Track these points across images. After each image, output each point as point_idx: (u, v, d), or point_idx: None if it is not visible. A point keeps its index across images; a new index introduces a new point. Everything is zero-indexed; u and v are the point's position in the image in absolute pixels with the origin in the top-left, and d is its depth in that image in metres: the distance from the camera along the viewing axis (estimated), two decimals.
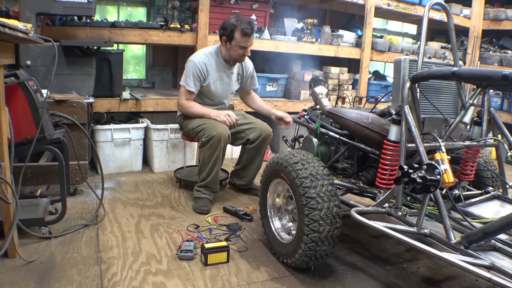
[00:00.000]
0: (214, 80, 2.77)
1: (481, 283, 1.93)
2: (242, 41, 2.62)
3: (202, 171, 2.68)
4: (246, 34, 2.60)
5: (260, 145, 2.82)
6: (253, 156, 2.88)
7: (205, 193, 2.69)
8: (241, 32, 2.59)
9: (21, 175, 1.93)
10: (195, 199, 2.69)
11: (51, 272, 1.81)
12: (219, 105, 2.91)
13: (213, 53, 2.77)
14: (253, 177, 3.01)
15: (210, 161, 2.61)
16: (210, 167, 2.63)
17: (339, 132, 2.24)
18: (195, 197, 2.69)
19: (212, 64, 2.74)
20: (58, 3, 2.75)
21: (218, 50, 2.77)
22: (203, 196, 2.68)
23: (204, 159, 2.64)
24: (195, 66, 2.68)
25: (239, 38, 2.61)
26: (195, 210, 2.62)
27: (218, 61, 2.76)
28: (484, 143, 1.93)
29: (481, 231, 1.45)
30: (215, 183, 2.70)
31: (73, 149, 2.38)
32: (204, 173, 2.66)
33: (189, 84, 2.69)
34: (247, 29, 2.59)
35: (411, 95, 1.77)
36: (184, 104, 2.74)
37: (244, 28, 2.58)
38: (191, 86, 2.69)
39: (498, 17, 5.07)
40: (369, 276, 1.96)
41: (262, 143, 2.82)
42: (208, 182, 2.66)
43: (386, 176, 1.81)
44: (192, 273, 1.90)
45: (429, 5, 1.89)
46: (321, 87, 2.49)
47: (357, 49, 4.55)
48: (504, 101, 5.01)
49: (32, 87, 1.97)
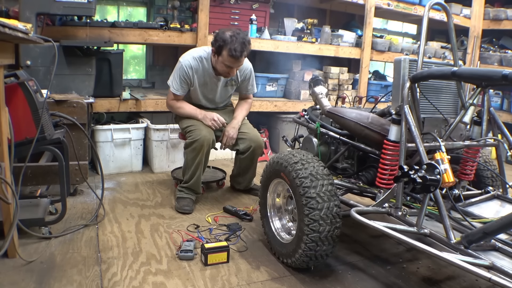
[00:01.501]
0: (199, 85, 2.70)
1: (481, 283, 1.93)
2: (228, 61, 2.49)
3: (185, 172, 2.68)
4: (232, 56, 2.44)
5: (251, 156, 2.79)
6: (246, 165, 2.87)
7: (187, 193, 2.68)
8: (228, 52, 2.43)
9: (21, 175, 1.93)
10: (177, 199, 2.68)
11: (51, 272, 1.81)
12: (210, 107, 2.86)
13: (203, 57, 2.64)
14: (250, 182, 3.01)
15: (193, 164, 2.59)
16: (193, 170, 2.62)
17: (339, 132, 2.23)
18: (178, 197, 2.69)
19: (199, 69, 2.65)
20: (58, 3, 2.75)
21: (209, 55, 2.64)
22: (185, 196, 2.67)
23: (188, 161, 2.64)
24: (181, 69, 2.62)
25: (226, 56, 2.47)
26: (177, 210, 2.61)
27: (207, 67, 2.65)
28: (484, 143, 1.93)
29: (481, 231, 1.45)
30: (197, 186, 2.69)
31: (73, 149, 2.38)
32: (187, 175, 2.65)
33: (175, 87, 2.65)
34: (235, 51, 2.41)
35: (411, 95, 1.77)
36: (173, 104, 2.73)
37: (233, 49, 2.41)
38: (177, 89, 2.66)
39: (498, 17, 5.07)
40: (369, 276, 1.96)
41: (253, 155, 2.78)
42: (190, 184, 2.66)
43: (386, 176, 1.81)
44: (192, 273, 1.90)
45: (429, 5, 1.89)
46: (321, 87, 2.49)
47: (357, 49, 4.55)
48: (504, 101, 5.01)
49: (32, 87, 1.97)
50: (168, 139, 3.45)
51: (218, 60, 2.53)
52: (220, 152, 3.80)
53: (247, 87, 2.90)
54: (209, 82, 2.72)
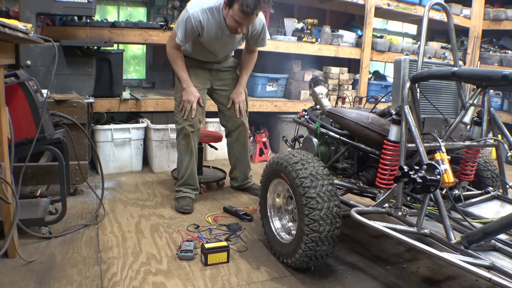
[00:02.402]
0: (210, 38, 2.47)
1: (481, 283, 1.93)
2: (238, 17, 2.28)
3: (180, 166, 2.69)
4: (243, 12, 2.23)
5: (242, 139, 2.88)
6: (240, 152, 2.92)
7: (186, 191, 2.65)
8: (240, 6, 2.22)
9: (21, 175, 1.93)
10: (177, 199, 2.65)
11: (51, 272, 1.81)
12: (210, 60, 2.70)
13: (214, 10, 2.39)
14: (246, 176, 3.02)
15: (187, 152, 2.63)
16: (187, 161, 2.64)
17: (339, 132, 2.23)
18: (177, 197, 2.66)
19: (210, 22, 2.41)
20: (58, 3, 2.75)
21: (220, 7, 2.39)
22: (184, 196, 2.64)
23: (181, 151, 2.67)
24: (189, 22, 2.37)
25: (236, 11, 2.26)
26: (177, 209, 2.58)
27: (218, 19, 2.41)
28: (484, 143, 1.93)
29: (481, 231, 1.45)
30: (193, 179, 2.69)
31: (73, 149, 2.38)
32: (182, 168, 2.66)
33: (179, 38, 2.45)
34: (247, 6, 2.20)
35: (411, 95, 1.77)
36: (173, 54, 2.55)
37: (245, 4, 2.20)
38: (181, 39, 2.45)
39: (498, 17, 5.07)
40: (369, 276, 1.96)
41: (243, 137, 2.88)
42: (186, 177, 2.65)
43: (386, 176, 1.81)
44: (192, 273, 1.90)
45: (429, 5, 1.89)
46: (321, 87, 2.49)
47: (357, 49, 4.55)
48: (504, 101, 5.01)
49: (32, 87, 1.97)
50: (168, 139, 3.45)
51: (228, 13, 2.32)
52: (220, 152, 3.80)
53: (257, 41, 2.66)
54: (221, 36, 2.49)
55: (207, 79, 2.74)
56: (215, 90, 2.80)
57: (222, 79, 2.79)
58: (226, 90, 2.80)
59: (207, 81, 2.74)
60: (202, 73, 2.70)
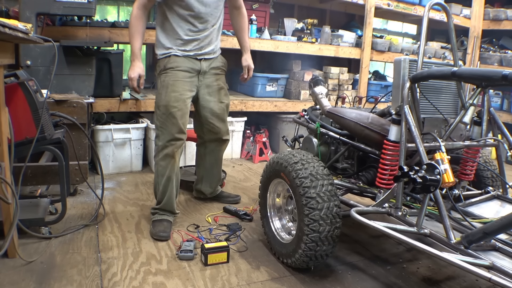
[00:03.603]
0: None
1: (481, 283, 1.93)
2: None
3: (156, 189, 2.37)
4: None
5: (217, 150, 2.61)
6: (211, 164, 2.65)
7: (162, 214, 2.32)
8: None
9: (21, 175, 1.93)
10: (152, 223, 2.30)
11: (51, 272, 1.81)
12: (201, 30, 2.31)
13: None
14: (213, 189, 2.75)
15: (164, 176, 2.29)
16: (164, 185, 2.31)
17: (339, 132, 2.24)
18: (153, 220, 2.32)
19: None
20: (58, 3, 2.75)
21: None
22: (161, 218, 2.30)
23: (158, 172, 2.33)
24: None
25: None
26: (152, 236, 2.23)
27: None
28: (484, 143, 1.94)
29: (481, 231, 1.45)
30: (171, 205, 2.34)
31: (73, 149, 2.38)
32: (159, 193, 2.34)
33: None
34: None
35: (411, 95, 1.77)
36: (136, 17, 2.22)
37: None
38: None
39: (498, 17, 5.08)
40: (369, 276, 1.96)
41: (219, 148, 2.60)
42: (163, 205, 2.33)
43: (386, 176, 1.81)
44: (192, 273, 1.90)
45: (429, 5, 1.89)
46: (321, 87, 2.49)
47: (357, 49, 4.55)
48: (504, 101, 5.01)
49: (32, 87, 1.97)
50: None
51: None
52: None
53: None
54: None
55: (194, 85, 2.37)
56: (200, 98, 2.45)
57: (208, 85, 2.45)
58: (211, 101, 2.46)
59: (194, 87, 2.38)
60: (189, 78, 2.34)
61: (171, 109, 2.24)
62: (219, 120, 2.52)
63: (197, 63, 2.35)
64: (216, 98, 2.48)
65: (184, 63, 2.30)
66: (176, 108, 2.25)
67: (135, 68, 2.21)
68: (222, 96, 2.50)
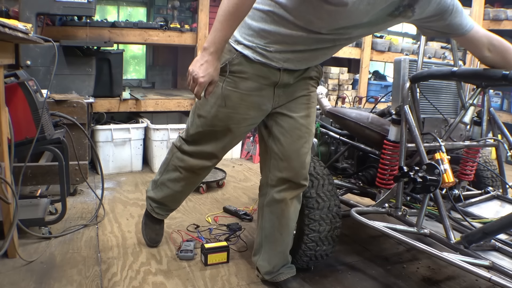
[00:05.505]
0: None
1: (481, 283, 1.93)
2: None
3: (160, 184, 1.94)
4: None
5: (286, 211, 1.65)
6: (272, 227, 1.71)
7: (158, 212, 2.00)
8: None
9: (21, 175, 1.93)
10: (144, 224, 2.10)
11: (51, 272, 1.81)
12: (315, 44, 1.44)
13: None
14: (275, 268, 1.76)
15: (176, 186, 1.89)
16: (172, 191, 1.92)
17: (339, 132, 2.24)
18: (145, 221, 2.09)
19: None
20: (58, 3, 2.75)
21: None
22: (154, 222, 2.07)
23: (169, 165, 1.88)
24: None
25: None
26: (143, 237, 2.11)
27: None
28: (484, 143, 1.94)
29: (481, 231, 1.45)
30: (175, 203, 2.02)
31: (73, 149, 2.38)
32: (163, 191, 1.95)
33: None
34: None
35: (411, 95, 1.77)
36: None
37: None
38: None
39: (498, 17, 5.07)
40: (369, 276, 1.96)
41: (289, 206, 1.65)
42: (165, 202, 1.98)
43: (386, 176, 1.81)
44: (192, 273, 1.90)
45: None
46: (321, 87, 2.49)
47: (357, 49, 4.55)
48: (504, 101, 5.01)
49: (32, 87, 1.97)
50: (168, 139, 3.44)
51: None
52: None
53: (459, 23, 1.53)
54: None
55: (267, 100, 1.57)
56: (275, 114, 1.61)
57: (292, 97, 1.60)
58: (291, 118, 1.59)
59: (266, 105, 1.58)
60: (260, 92, 1.54)
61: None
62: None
63: (276, 73, 1.52)
64: (299, 114, 1.62)
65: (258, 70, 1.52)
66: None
67: (209, 69, 1.31)
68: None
